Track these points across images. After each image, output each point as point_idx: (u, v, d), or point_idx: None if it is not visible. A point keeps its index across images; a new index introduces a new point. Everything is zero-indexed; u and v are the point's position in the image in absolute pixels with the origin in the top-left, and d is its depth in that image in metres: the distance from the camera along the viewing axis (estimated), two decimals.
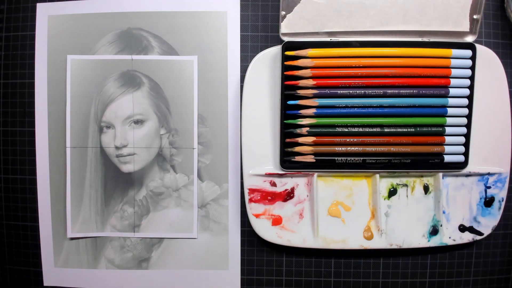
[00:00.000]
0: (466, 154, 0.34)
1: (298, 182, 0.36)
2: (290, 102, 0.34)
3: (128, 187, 0.38)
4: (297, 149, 0.34)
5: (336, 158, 0.34)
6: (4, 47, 0.38)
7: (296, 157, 0.34)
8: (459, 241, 0.36)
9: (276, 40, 0.37)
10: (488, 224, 0.36)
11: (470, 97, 0.34)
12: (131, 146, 0.37)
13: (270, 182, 0.36)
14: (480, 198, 0.36)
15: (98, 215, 0.38)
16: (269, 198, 0.36)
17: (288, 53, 0.33)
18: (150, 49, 0.37)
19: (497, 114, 0.35)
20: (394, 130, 0.34)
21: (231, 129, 0.37)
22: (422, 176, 0.36)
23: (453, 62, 0.33)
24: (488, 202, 0.36)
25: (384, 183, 0.36)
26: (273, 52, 0.35)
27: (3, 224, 0.39)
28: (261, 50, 0.35)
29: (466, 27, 0.33)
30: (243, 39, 0.37)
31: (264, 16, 0.37)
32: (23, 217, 0.39)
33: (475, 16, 0.33)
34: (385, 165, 0.34)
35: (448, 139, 0.34)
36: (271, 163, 0.35)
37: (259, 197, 0.35)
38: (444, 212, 0.35)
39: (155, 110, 0.37)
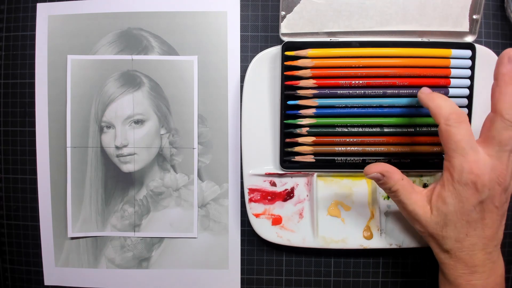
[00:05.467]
0: None
1: (298, 182, 0.36)
2: (290, 102, 0.34)
3: (128, 187, 0.38)
4: (297, 149, 0.34)
5: (335, 158, 0.34)
6: (4, 47, 0.38)
7: (296, 157, 0.34)
8: None
9: (276, 40, 0.37)
10: None
11: (469, 97, 0.34)
12: (131, 146, 0.37)
13: (270, 182, 0.36)
14: None
15: (98, 214, 0.38)
16: (269, 198, 0.36)
17: (288, 53, 0.33)
18: (150, 49, 0.37)
19: None
20: (393, 130, 0.34)
21: (231, 129, 0.37)
22: (421, 176, 0.36)
23: (453, 62, 0.33)
24: None
25: None
26: (273, 52, 0.35)
27: (3, 223, 0.39)
28: (261, 50, 0.35)
29: (465, 27, 0.33)
30: (243, 39, 0.37)
31: (264, 16, 0.37)
32: (23, 216, 0.39)
33: (474, 16, 0.33)
34: None
35: None
36: (271, 163, 0.35)
37: (259, 197, 0.36)
38: None
39: (155, 110, 0.37)
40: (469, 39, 0.34)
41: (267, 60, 0.35)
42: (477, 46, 0.33)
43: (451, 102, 0.28)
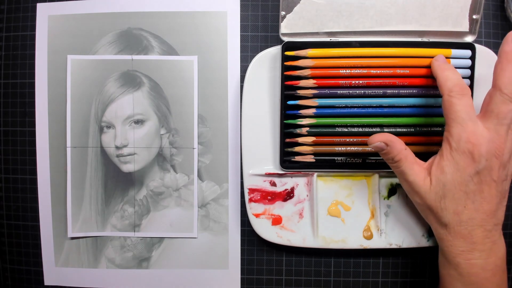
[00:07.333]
0: None
1: (298, 182, 0.36)
2: (290, 102, 0.34)
3: (128, 187, 0.38)
4: (297, 149, 0.34)
5: (335, 158, 0.34)
6: (4, 47, 0.38)
7: (296, 157, 0.35)
8: None
9: (276, 40, 0.37)
10: None
11: None
12: (131, 146, 0.37)
13: (270, 182, 0.36)
14: None
15: (98, 214, 0.38)
16: (269, 198, 0.36)
17: (288, 53, 0.33)
18: (150, 49, 0.37)
19: None
20: (394, 130, 0.34)
21: (231, 129, 0.37)
22: None
23: (453, 62, 0.33)
24: None
25: (383, 183, 0.36)
26: (273, 52, 0.35)
27: (3, 223, 0.39)
28: (261, 50, 0.35)
29: (465, 27, 0.34)
30: (243, 39, 0.37)
31: (264, 16, 0.37)
32: (23, 216, 0.39)
33: (474, 16, 0.33)
34: (385, 164, 0.34)
35: None
36: (271, 163, 0.35)
37: (259, 197, 0.36)
38: None
39: (155, 110, 0.37)
40: (469, 39, 0.34)
41: (267, 60, 0.35)
42: (477, 46, 0.33)
43: (459, 76, 0.29)
